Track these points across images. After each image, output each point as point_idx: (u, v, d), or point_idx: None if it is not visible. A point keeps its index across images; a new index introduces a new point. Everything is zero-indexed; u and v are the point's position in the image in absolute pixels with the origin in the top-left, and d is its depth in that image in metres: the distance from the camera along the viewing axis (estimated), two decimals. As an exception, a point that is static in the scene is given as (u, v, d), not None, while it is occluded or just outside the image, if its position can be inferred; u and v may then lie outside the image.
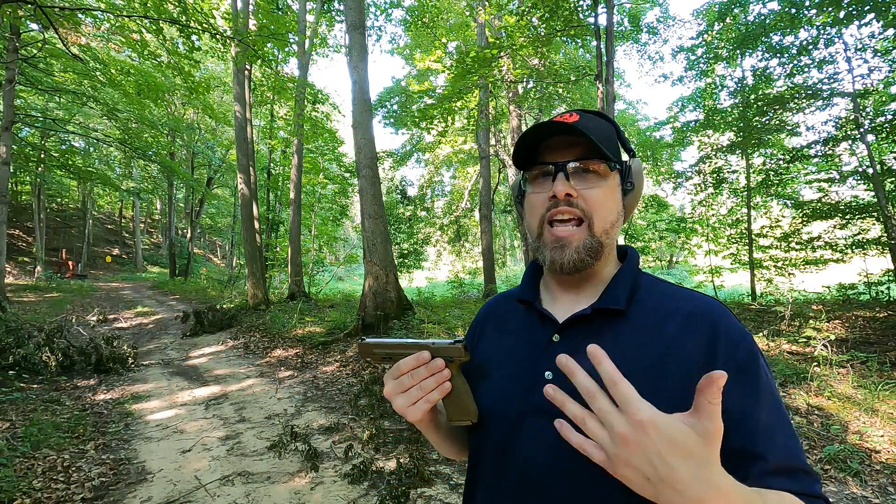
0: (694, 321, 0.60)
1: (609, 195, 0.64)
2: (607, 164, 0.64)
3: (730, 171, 10.19)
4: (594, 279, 0.68)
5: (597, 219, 0.63)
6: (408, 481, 2.79)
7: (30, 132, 15.76)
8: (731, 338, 0.58)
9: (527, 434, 0.61)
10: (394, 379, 0.63)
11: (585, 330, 0.63)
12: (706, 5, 10.55)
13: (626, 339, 0.60)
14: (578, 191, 0.63)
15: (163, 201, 29.70)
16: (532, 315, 0.69)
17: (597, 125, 0.66)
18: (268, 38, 8.40)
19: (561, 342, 0.63)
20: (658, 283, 0.67)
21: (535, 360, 0.64)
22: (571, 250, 0.62)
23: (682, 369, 0.56)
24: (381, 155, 14.93)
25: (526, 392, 0.63)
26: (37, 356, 5.41)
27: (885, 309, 6.26)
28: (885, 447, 2.94)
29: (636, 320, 0.62)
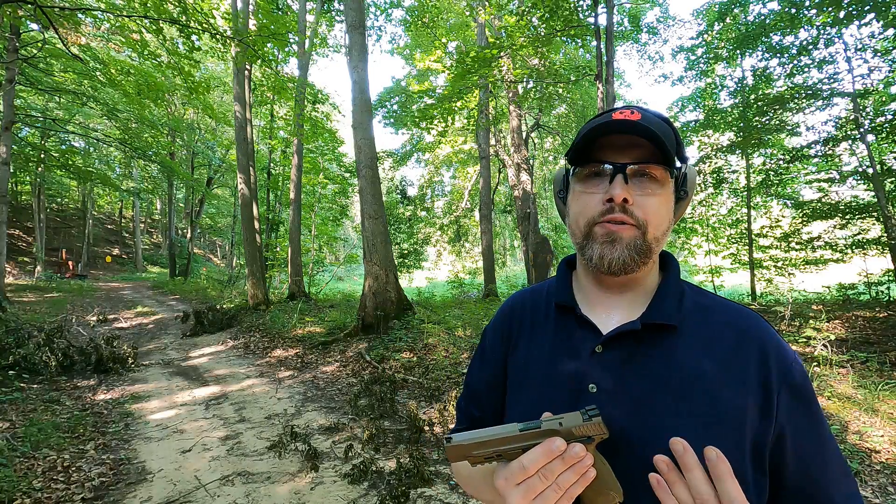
0: (744, 341, 0.58)
1: (664, 203, 0.60)
2: (668, 170, 0.59)
3: (730, 171, 10.19)
4: (636, 286, 0.64)
5: (651, 227, 0.59)
6: (408, 481, 2.79)
7: (30, 132, 15.76)
8: (783, 360, 0.56)
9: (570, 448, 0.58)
10: (518, 484, 0.50)
11: (632, 345, 0.59)
12: (706, 5, 10.55)
13: (678, 359, 0.57)
14: (636, 196, 0.59)
15: (163, 201, 29.69)
16: (569, 320, 0.65)
17: (660, 127, 0.60)
18: (268, 38, 8.39)
19: (605, 353, 0.60)
20: (702, 296, 0.64)
21: (578, 370, 0.61)
22: (623, 246, 0.58)
23: (739, 394, 0.54)
24: (381, 155, 14.92)
25: (569, 405, 0.58)
26: (37, 356, 5.41)
27: (885, 309, 6.26)
28: (885, 447, 2.94)
29: (687, 337, 0.59)
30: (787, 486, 0.55)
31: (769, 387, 0.54)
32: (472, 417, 0.76)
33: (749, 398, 0.54)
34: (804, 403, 0.55)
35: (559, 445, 0.49)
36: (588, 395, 0.58)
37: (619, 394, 0.57)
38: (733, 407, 0.53)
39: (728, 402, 0.54)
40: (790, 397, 0.54)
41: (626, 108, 0.62)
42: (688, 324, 0.60)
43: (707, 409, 0.53)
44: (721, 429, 0.53)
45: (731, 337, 0.58)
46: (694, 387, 0.55)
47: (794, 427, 0.54)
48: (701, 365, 0.56)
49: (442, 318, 7.24)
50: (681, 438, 0.49)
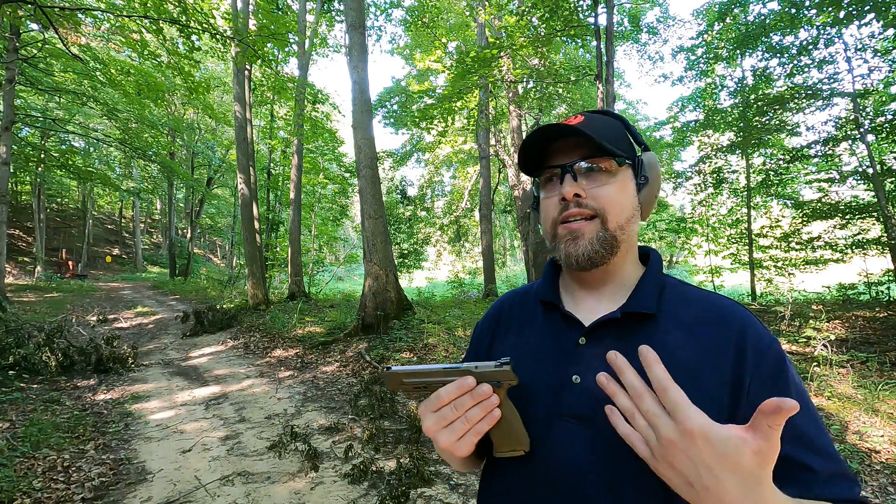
0: (723, 329, 0.59)
1: (621, 191, 0.63)
2: (615, 159, 0.62)
3: (730, 171, 10.19)
4: (615, 279, 0.66)
5: (610, 215, 0.62)
6: (408, 481, 2.79)
7: (30, 132, 15.76)
8: (759, 346, 0.57)
9: (554, 438, 0.59)
10: (434, 412, 0.57)
11: (614, 333, 0.61)
12: (706, 5, 10.55)
13: (657, 345, 0.58)
14: (588, 190, 0.62)
15: (163, 201, 29.70)
16: (555, 317, 0.68)
17: (603, 123, 0.65)
18: (268, 38, 8.39)
19: (588, 345, 0.62)
20: (683, 287, 0.66)
21: (561, 362, 0.63)
22: (585, 241, 0.61)
23: (715, 378, 0.56)
24: (381, 155, 14.92)
25: (554, 395, 0.61)
26: (37, 356, 5.41)
27: (885, 309, 6.26)
28: (885, 447, 2.94)
29: (667, 325, 0.61)
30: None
31: (744, 372, 0.55)
32: None
33: (727, 383, 0.55)
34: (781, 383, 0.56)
35: (469, 382, 0.56)
36: (572, 386, 0.60)
37: None
38: (711, 390, 0.55)
39: (706, 386, 0.55)
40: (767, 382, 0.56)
41: (572, 115, 0.67)
42: (667, 313, 0.62)
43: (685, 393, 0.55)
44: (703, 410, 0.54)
45: (710, 324, 0.60)
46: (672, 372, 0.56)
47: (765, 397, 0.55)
48: (680, 351, 0.58)
49: (442, 318, 7.24)
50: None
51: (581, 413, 0.58)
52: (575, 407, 0.59)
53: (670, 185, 11.81)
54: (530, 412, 0.62)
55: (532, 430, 0.60)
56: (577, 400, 0.59)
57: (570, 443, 0.58)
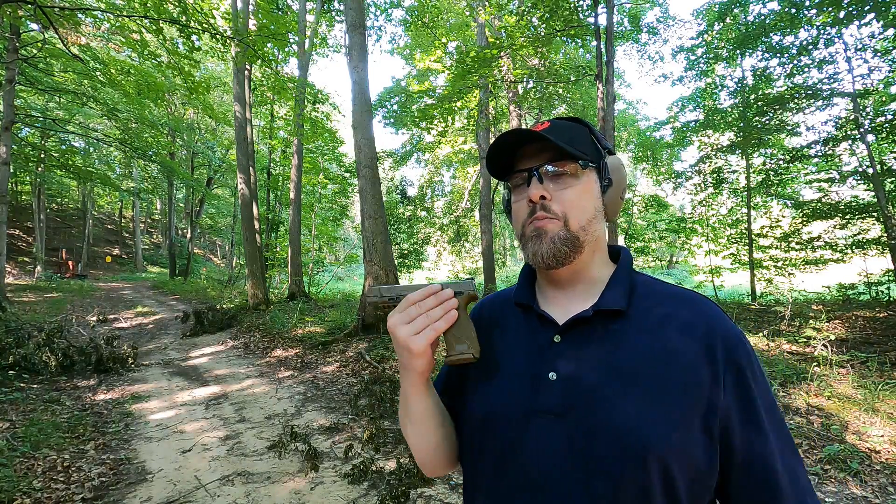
0: (691, 326, 0.61)
1: (583, 193, 0.65)
2: (578, 163, 0.64)
3: (730, 171, 10.19)
4: (584, 278, 0.68)
5: (571, 217, 0.64)
6: (408, 481, 2.79)
7: (30, 132, 15.76)
8: (728, 340, 0.60)
9: (531, 436, 0.60)
10: (400, 312, 0.63)
11: (587, 331, 0.63)
12: (706, 5, 10.55)
13: (628, 341, 0.61)
14: (553, 192, 0.64)
15: (163, 201, 29.69)
16: (531, 317, 0.69)
17: (568, 129, 0.67)
18: (268, 38, 8.39)
19: (563, 343, 0.64)
20: (653, 284, 0.68)
21: (537, 361, 0.64)
22: (548, 240, 0.63)
23: (684, 375, 0.57)
24: (381, 155, 14.92)
25: (530, 393, 0.62)
26: (37, 356, 5.41)
27: (885, 309, 6.26)
28: (885, 447, 2.94)
29: (637, 321, 0.62)
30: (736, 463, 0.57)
31: (716, 366, 0.57)
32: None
33: (697, 375, 0.57)
34: (746, 381, 0.58)
35: (436, 287, 0.63)
36: (547, 383, 0.61)
37: (575, 379, 0.60)
38: (681, 383, 0.56)
39: (676, 380, 0.57)
40: (734, 376, 0.57)
41: (539, 122, 0.69)
42: (637, 309, 0.63)
43: (654, 387, 0.57)
44: (668, 404, 0.56)
45: (680, 320, 0.61)
46: (643, 367, 0.58)
47: (738, 404, 0.57)
48: (650, 346, 0.59)
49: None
50: None
51: (557, 409, 0.59)
52: (551, 403, 0.60)
53: (670, 185, 11.81)
54: (509, 409, 0.63)
55: (510, 427, 0.62)
56: (553, 396, 0.60)
57: (548, 438, 0.59)
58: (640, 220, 16.58)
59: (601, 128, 6.57)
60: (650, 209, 14.69)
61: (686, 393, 0.56)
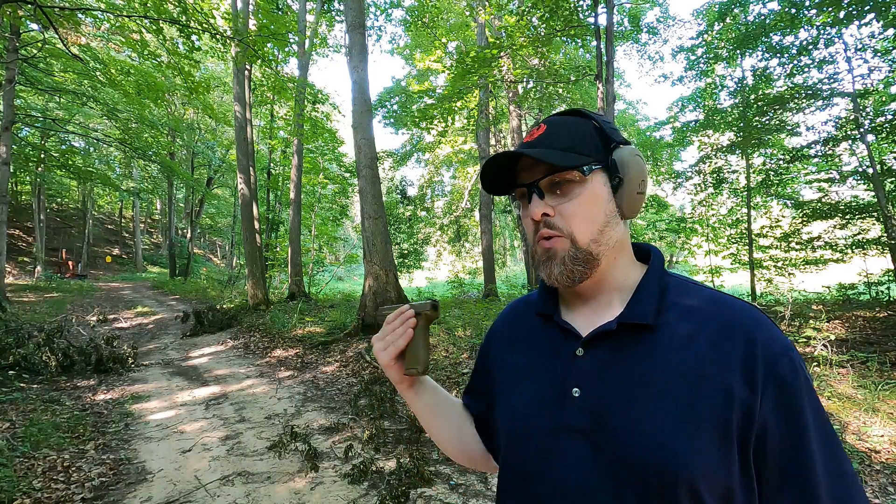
0: (729, 333, 0.55)
1: (588, 201, 0.60)
2: (578, 170, 0.59)
3: (730, 171, 10.19)
4: (607, 287, 0.64)
5: (578, 232, 0.59)
6: (408, 481, 2.79)
7: (30, 132, 15.76)
8: (770, 351, 0.54)
9: (557, 453, 0.58)
10: (381, 331, 0.73)
11: (611, 345, 0.59)
12: (706, 5, 10.55)
13: (656, 356, 0.56)
14: (556, 206, 0.60)
15: (163, 201, 29.69)
16: (552, 328, 0.66)
17: (566, 129, 0.62)
18: (268, 38, 8.39)
19: (586, 356, 0.60)
20: (688, 288, 0.62)
21: (560, 375, 0.61)
22: (558, 261, 0.60)
23: (717, 392, 0.53)
24: (381, 155, 14.92)
25: (555, 409, 0.60)
26: (37, 356, 5.41)
27: (885, 309, 6.26)
28: (885, 447, 2.94)
29: (667, 334, 0.57)
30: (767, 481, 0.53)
31: (754, 380, 0.52)
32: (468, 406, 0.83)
33: (732, 392, 0.52)
34: (789, 397, 0.52)
35: (404, 308, 0.72)
36: (571, 399, 0.58)
37: (600, 396, 0.57)
38: (714, 403, 0.52)
39: (709, 399, 0.52)
40: (776, 390, 0.52)
41: (535, 125, 0.65)
42: (668, 320, 0.58)
43: (685, 407, 0.52)
44: (699, 425, 0.52)
45: (714, 330, 0.56)
46: (673, 385, 0.54)
47: (776, 421, 0.52)
48: (681, 362, 0.55)
49: (442, 318, 7.24)
50: None
51: (583, 427, 0.57)
52: (576, 420, 0.57)
53: (670, 185, 11.81)
54: (535, 425, 0.61)
55: (537, 443, 0.60)
56: (577, 413, 0.58)
57: (576, 457, 0.57)
58: (640, 220, 16.59)
59: (601, 128, 6.55)
60: (650, 209, 14.69)
61: (718, 413, 0.52)
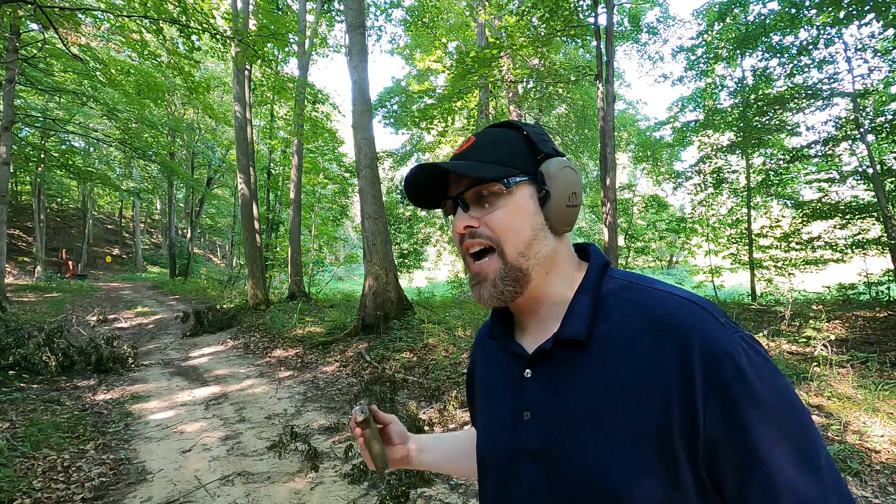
0: (664, 339, 0.50)
1: (514, 213, 0.57)
2: (499, 181, 0.57)
3: (730, 171, 10.20)
4: (545, 301, 0.61)
5: (506, 244, 0.57)
6: (408, 481, 2.79)
7: (30, 132, 15.76)
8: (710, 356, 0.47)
9: (517, 477, 0.58)
10: None
11: (552, 365, 0.57)
12: (706, 5, 10.55)
13: (596, 373, 0.53)
14: (481, 218, 0.58)
15: (163, 201, 29.71)
16: (504, 350, 0.65)
17: (493, 141, 0.60)
18: (268, 38, 8.39)
19: (533, 378, 0.59)
20: (627, 292, 0.57)
21: (514, 398, 0.60)
22: (488, 284, 0.58)
23: (660, 402, 0.48)
24: (381, 155, 14.93)
25: (512, 433, 0.59)
26: (37, 356, 5.41)
27: (885, 309, 6.26)
28: (885, 447, 2.94)
29: (604, 347, 0.54)
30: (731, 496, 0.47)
31: (693, 390, 0.47)
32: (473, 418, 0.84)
33: (672, 406, 0.47)
34: (735, 405, 0.45)
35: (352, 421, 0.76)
36: (524, 423, 0.58)
37: (547, 419, 0.56)
38: (655, 419, 0.48)
39: (649, 415, 0.48)
40: (719, 399, 0.46)
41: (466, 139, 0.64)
42: (604, 332, 0.54)
43: (626, 427, 0.49)
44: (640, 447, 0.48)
45: (650, 337, 0.51)
46: (613, 403, 0.51)
47: (725, 432, 0.46)
48: (619, 376, 0.51)
49: (442, 318, 7.24)
50: None
51: (534, 450, 0.56)
52: (529, 444, 0.57)
53: (670, 185, 11.81)
54: (496, 450, 0.62)
55: (498, 467, 0.61)
56: (529, 437, 0.57)
57: (531, 481, 0.56)
58: (640, 220, 16.58)
59: (601, 128, 6.57)
60: (650, 209, 14.69)
61: (660, 430, 0.47)
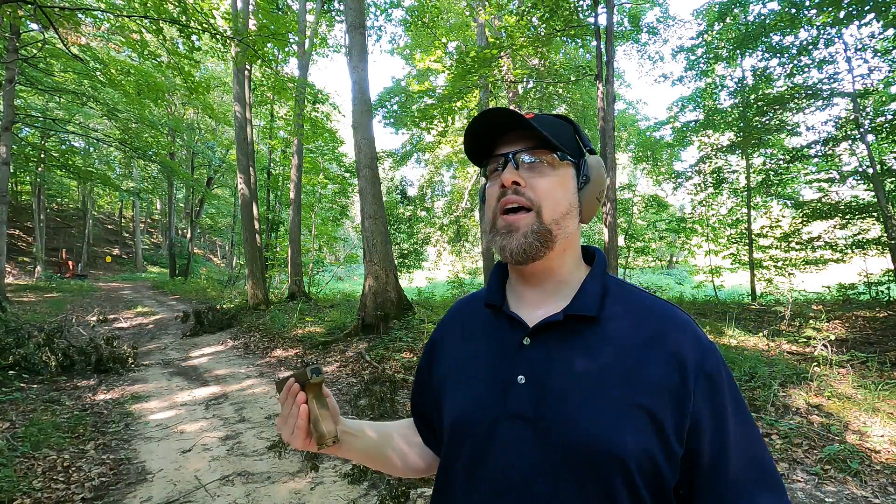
0: (662, 336, 0.60)
1: (559, 185, 0.64)
2: (556, 154, 0.64)
3: (730, 171, 10.20)
4: (555, 277, 0.67)
5: (545, 207, 0.62)
6: (407, 481, 2.79)
7: (30, 132, 15.76)
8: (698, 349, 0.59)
9: (501, 440, 0.60)
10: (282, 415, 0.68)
11: (557, 336, 0.62)
12: (706, 5, 10.55)
13: (598, 347, 0.60)
14: (527, 179, 0.63)
15: (163, 201, 29.70)
16: (500, 319, 0.68)
17: (551, 122, 0.66)
18: (268, 38, 8.39)
19: (532, 346, 0.63)
20: (626, 290, 0.67)
21: (506, 364, 0.63)
22: (520, 234, 0.62)
23: (652, 384, 0.57)
24: (381, 155, 14.92)
25: (500, 397, 0.61)
26: (37, 356, 5.41)
27: (885, 309, 6.26)
28: (885, 447, 2.94)
29: (608, 328, 0.61)
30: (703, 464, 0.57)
31: (686, 375, 0.57)
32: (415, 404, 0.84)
33: (666, 384, 0.56)
34: (717, 393, 0.58)
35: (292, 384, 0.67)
36: (517, 387, 0.61)
37: (544, 384, 0.59)
38: (648, 392, 0.56)
39: (644, 389, 0.56)
40: (706, 385, 0.57)
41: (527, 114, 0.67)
42: (608, 315, 0.62)
43: (622, 395, 0.56)
44: (633, 412, 0.55)
45: (649, 327, 0.61)
46: (613, 374, 0.58)
47: (708, 415, 0.57)
48: (621, 353, 0.59)
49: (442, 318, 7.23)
50: None
51: (526, 414, 0.59)
52: (520, 408, 0.59)
53: (670, 185, 11.81)
54: (480, 413, 0.63)
55: (481, 431, 0.62)
56: (522, 401, 0.60)
57: (517, 444, 0.58)
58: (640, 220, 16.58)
59: (601, 128, 6.57)
60: (650, 209, 14.68)
61: (653, 401, 0.56)
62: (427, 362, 0.80)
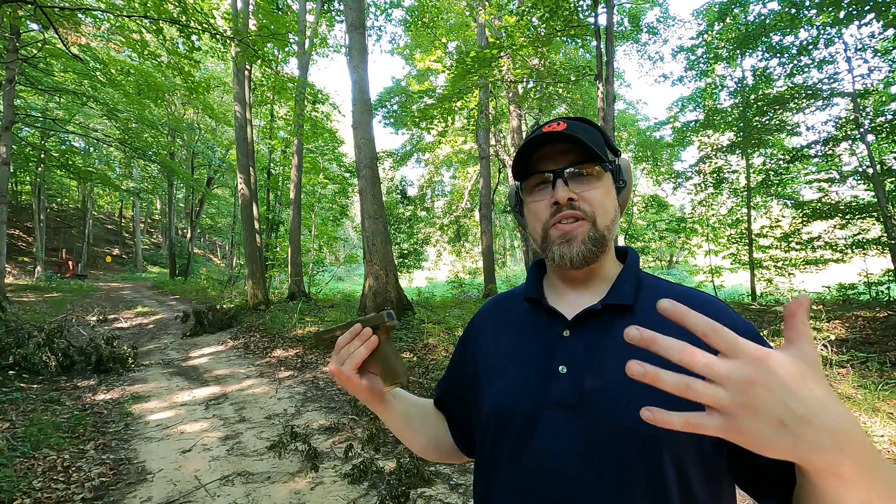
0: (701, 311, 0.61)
1: (605, 194, 0.68)
2: (601, 166, 0.67)
3: (730, 171, 10.19)
4: (598, 276, 0.71)
5: (598, 216, 0.66)
6: (408, 481, 2.79)
7: (30, 132, 15.75)
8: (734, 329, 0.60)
9: (543, 428, 0.61)
10: (335, 353, 0.71)
11: (596, 325, 0.65)
12: (706, 5, 10.55)
13: None
14: (579, 194, 0.66)
15: (163, 201, 29.71)
16: (539, 312, 0.71)
17: (584, 130, 0.69)
18: (268, 38, 8.40)
19: (572, 337, 0.65)
20: (658, 281, 0.71)
21: (547, 354, 0.66)
22: (578, 242, 0.65)
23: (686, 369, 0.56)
24: (381, 155, 14.93)
25: (540, 387, 0.64)
26: (37, 356, 5.41)
27: (885, 309, 6.26)
28: (885, 447, 2.94)
29: (643, 316, 0.64)
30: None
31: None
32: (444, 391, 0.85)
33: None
34: None
35: (358, 328, 0.70)
36: (558, 376, 0.63)
37: (585, 371, 0.61)
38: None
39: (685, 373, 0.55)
40: None
41: (552, 121, 0.70)
42: (643, 305, 0.65)
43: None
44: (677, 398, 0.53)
45: None
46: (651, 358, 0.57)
47: None
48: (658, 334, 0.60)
49: (442, 318, 7.24)
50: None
51: (569, 402, 0.61)
52: (563, 396, 0.61)
53: (670, 185, 11.81)
54: (521, 403, 0.64)
55: (523, 420, 0.63)
56: (564, 389, 0.61)
57: (560, 431, 0.60)
58: (640, 220, 16.59)
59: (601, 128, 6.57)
60: (650, 209, 14.70)
61: None
62: (460, 356, 0.82)
